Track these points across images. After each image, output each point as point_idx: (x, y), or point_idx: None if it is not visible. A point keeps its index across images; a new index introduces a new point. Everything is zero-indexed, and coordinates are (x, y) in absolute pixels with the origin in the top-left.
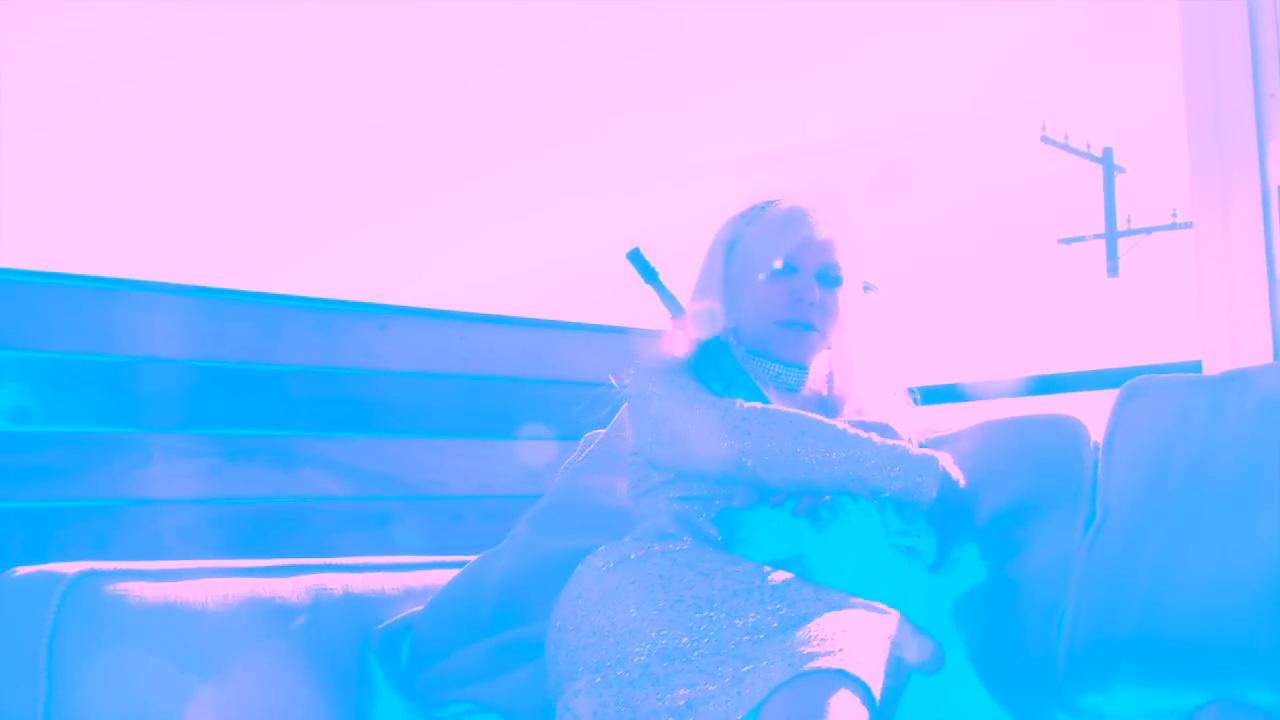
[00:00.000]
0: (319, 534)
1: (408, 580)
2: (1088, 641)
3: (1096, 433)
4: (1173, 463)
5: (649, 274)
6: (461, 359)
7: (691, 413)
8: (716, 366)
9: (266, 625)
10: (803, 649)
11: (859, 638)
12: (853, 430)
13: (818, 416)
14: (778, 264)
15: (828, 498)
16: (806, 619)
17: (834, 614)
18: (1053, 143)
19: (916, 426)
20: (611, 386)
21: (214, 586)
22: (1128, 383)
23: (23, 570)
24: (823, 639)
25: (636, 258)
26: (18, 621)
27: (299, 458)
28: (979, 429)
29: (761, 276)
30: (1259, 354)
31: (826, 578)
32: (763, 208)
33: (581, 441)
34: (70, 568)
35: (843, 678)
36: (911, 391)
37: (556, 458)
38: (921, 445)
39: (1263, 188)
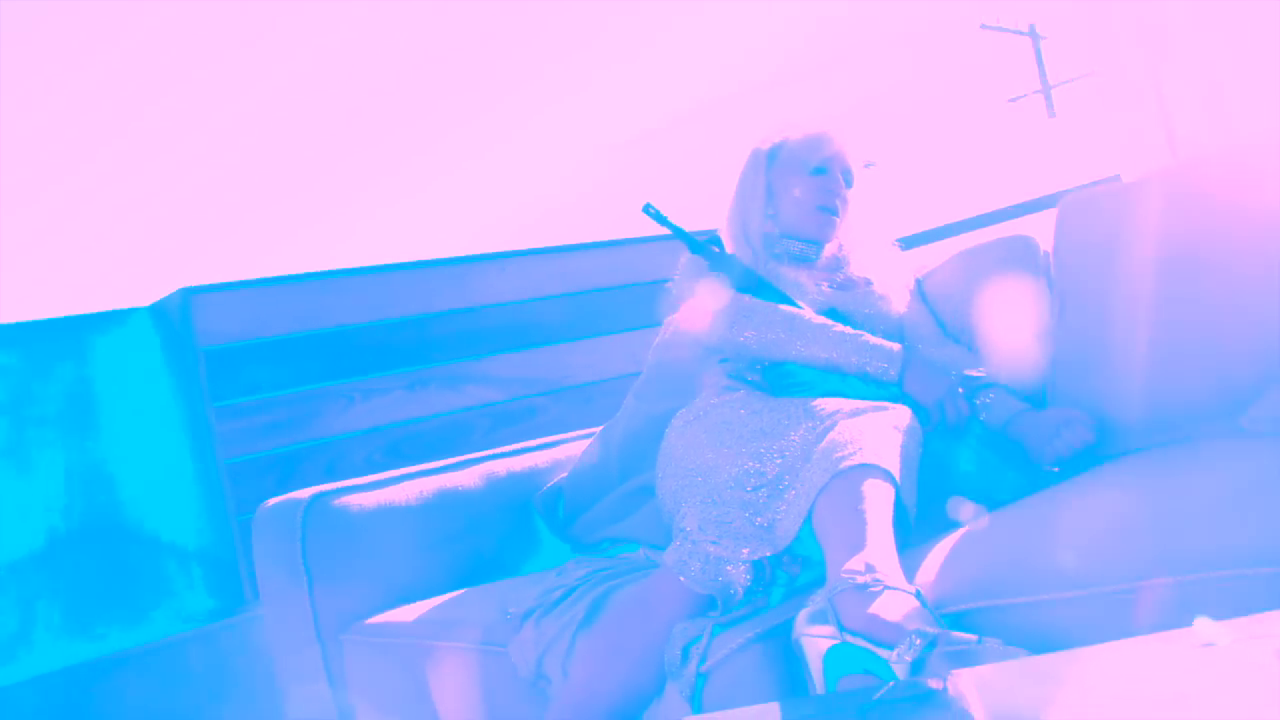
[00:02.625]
0: (486, 433)
1: (554, 455)
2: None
3: (1047, 244)
4: (1106, 255)
5: (663, 220)
6: (564, 281)
7: (704, 300)
8: (725, 270)
9: (454, 508)
10: (834, 455)
11: (874, 435)
12: (829, 325)
13: (803, 313)
14: (816, 165)
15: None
16: (831, 429)
17: (852, 420)
18: (990, 28)
19: (908, 268)
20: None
21: (411, 487)
22: (1063, 199)
23: (273, 501)
24: (846, 443)
25: (650, 210)
26: (277, 538)
27: (461, 379)
28: (954, 259)
29: (800, 179)
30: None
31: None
32: (787, 135)
33: (663, 325)
34: (305, 493)
35: (866, 469)
36: (900, 241)
37: (649, 341)
38: (917, 283)
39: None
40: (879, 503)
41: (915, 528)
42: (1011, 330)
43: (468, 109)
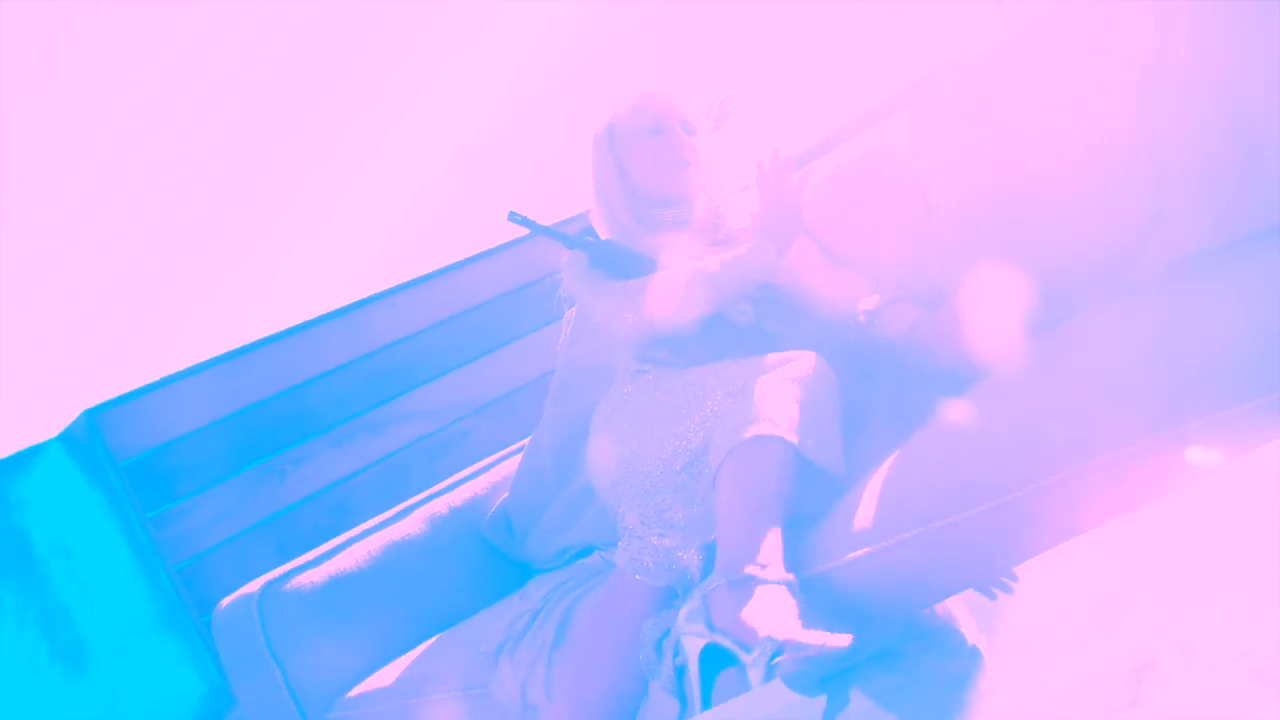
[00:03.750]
0: (425, 468)
1: (490, 478)
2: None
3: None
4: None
5: (532, 225)
6: (458, 300)
7: (598, 299)
8: (603, 256)
9: (405, 559)
10: (730, 431)
11: (774, 397)
12: (705, 268)
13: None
14: (651, 127)
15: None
16: (743, 394)
17: (756, 382)
18: None
19: None
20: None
21: (358, 550)
22: (910, 109)
23: (226, 601)
24: (743, 415)
25: (517, 217)
26: (239, 636)
27: (384, 422)
28: (821, 187)
29: (643, 145)
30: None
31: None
32: (616, 111)
33: (564, 320)
34: (255, 585)
35: (758, 442)
36: None
37: (556, 336)
38: None
39: None
40: (768, 479)
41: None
42: (894, 242)
43: (309, 160)
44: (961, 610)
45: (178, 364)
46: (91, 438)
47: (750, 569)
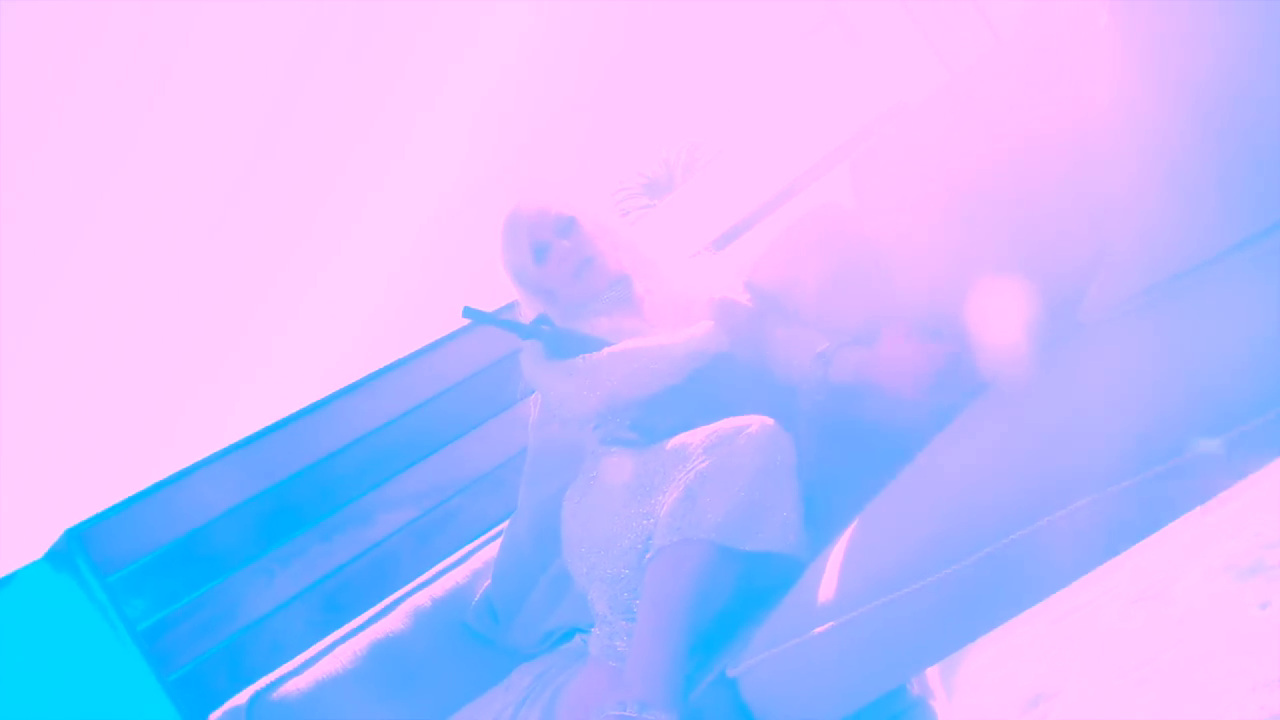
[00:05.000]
0: (415, 553)
1: (470, 566)
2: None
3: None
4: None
5: (487, 319)
6: (434, 382)
7: (556, 383)
8: (562, 344)
9: (392, 656)
10: (661, 533)
11: (712, 490)
12: (652, 340)
13: (628, 344)
14: (531, 256)
15: None
16: (684, 483)
17: (695, 476)
18: None
19: (731, 272)
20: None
21: (344, 652)
22: (852, 163)
23: (214, 716)
24: (673, 513)
25: (471, 312)
26: None
27: (370, 512)
28: (770, 248)
29: (535, 271)
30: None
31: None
32: (499, 244)
33: (532, 400)
34: (243, 696)
35: (677, 549)
36: (718, 242)
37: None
38: (748, 285)
39: None
40: (683, 588)
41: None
42: (845, 297)
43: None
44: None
45: (155, 475)
46: (77, 556)
47: (638, 700)
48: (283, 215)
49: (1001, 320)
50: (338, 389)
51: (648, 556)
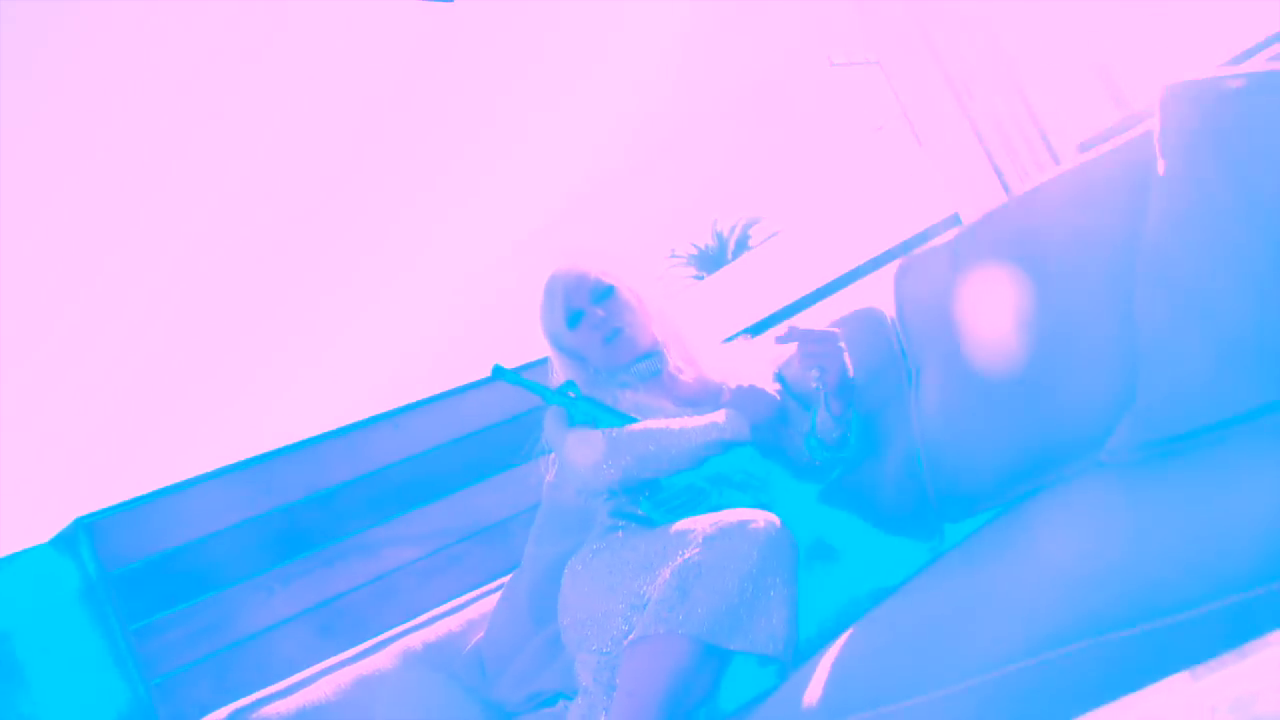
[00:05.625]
0: (414, 592)
1: (467, 615)
2: (943, 471)
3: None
4: (946, 316)
5: (515, 379)
6: (458, 425)
7: (573, 452)
8: (586, 413)
9: (376, 694)
10: (649, 616)
11: (705, 584)
12: (678, 421)
13: (649, 423)
14: (565, 320)
15: None
16: (680, 574)
17: (686, 567)
18: (841, 64)
19: (765, 360)
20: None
21: (328, 683)
22: (898, 265)
23: None
24: (660, 599)
25: (500, 371)
26: None
27: (377, 544)
28: None
29: (570, 335)
30: (995, 197)
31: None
32: (540, 305)
33: (550, 459)
34: (222, 713)
35: (653, 641)
36: (756, 326)
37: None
38: (778, 375)
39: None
40: (656, 682)
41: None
42: (873, 407)
43: (306, 283)
44: None
45: (173, 476)
46: (82, 546)
47: None
48: (350, 237)
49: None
50: (362, 418)
51: (628, 640)
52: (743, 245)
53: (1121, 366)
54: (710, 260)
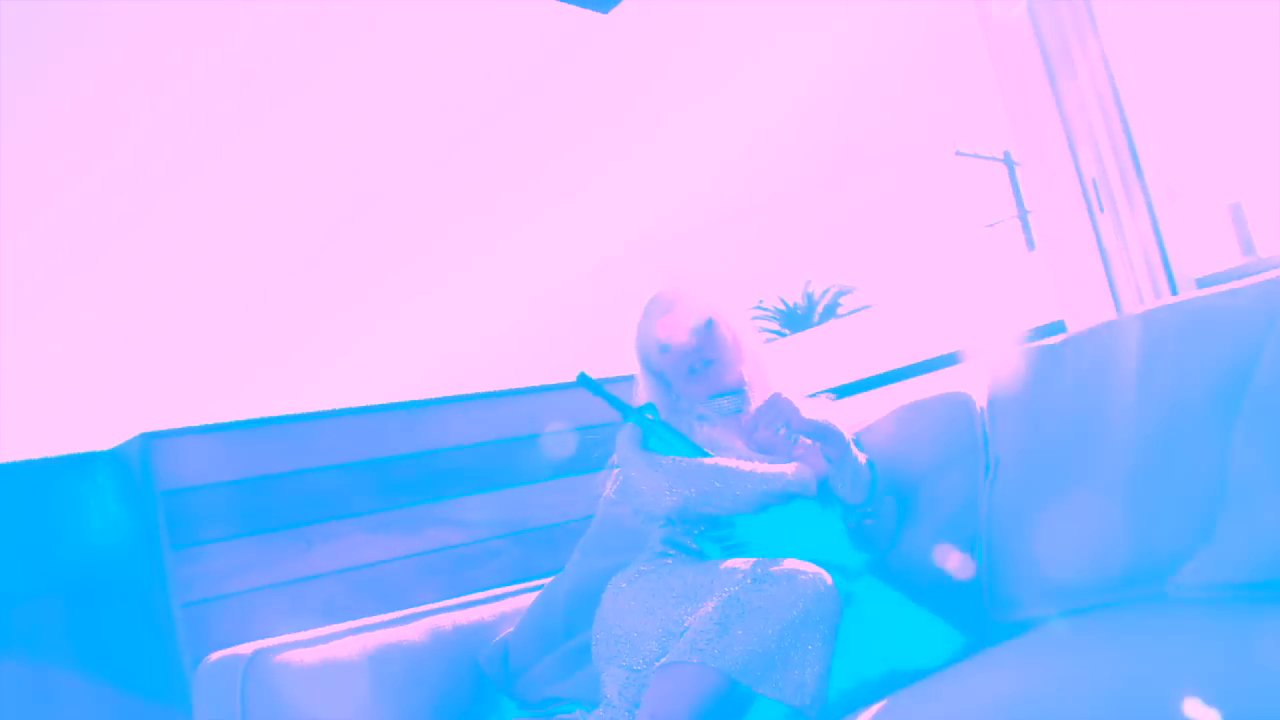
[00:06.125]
0: (448, 576)
1: (501, 607)
2: (1003, 567)
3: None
4: (1038, 415)
5: (598, 390)
6: (525, 423)
7: (640, 473)
8: (660, 438)
9: (398, 664)
10: (685, 644)
11: (744, 623)
12: (747, 466)
13: (720, 461)
14: (660, 343)
15: None
16: (724, 608)
17: (728, 602)
18: (965, 155)
19: (844, 423)
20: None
21: (354, 643)
22: (998, 357)
23: (215, 656)
24: (696, 629)
25: (585, 379)
26: (217, 696)
27: (422, 522)
28: (894, 416)
29: (659, 360)
30: (1104, 312)
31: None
32: (639, 321)
33: (612, 474)
34: (247, 648)
35: (682, 668)
36: (840, 390)
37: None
38: (856, 439)
39: (1080, 182)
40: (680, 710)
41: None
42: (944, 490)
43: (415, 247)
44: None
45: (243, 413)
46: (141, 460)
47: None
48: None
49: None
50: (432, 396)
51: (660, 662)
52: (830, 312)
53: (1206, 503)
54: (795, 319)
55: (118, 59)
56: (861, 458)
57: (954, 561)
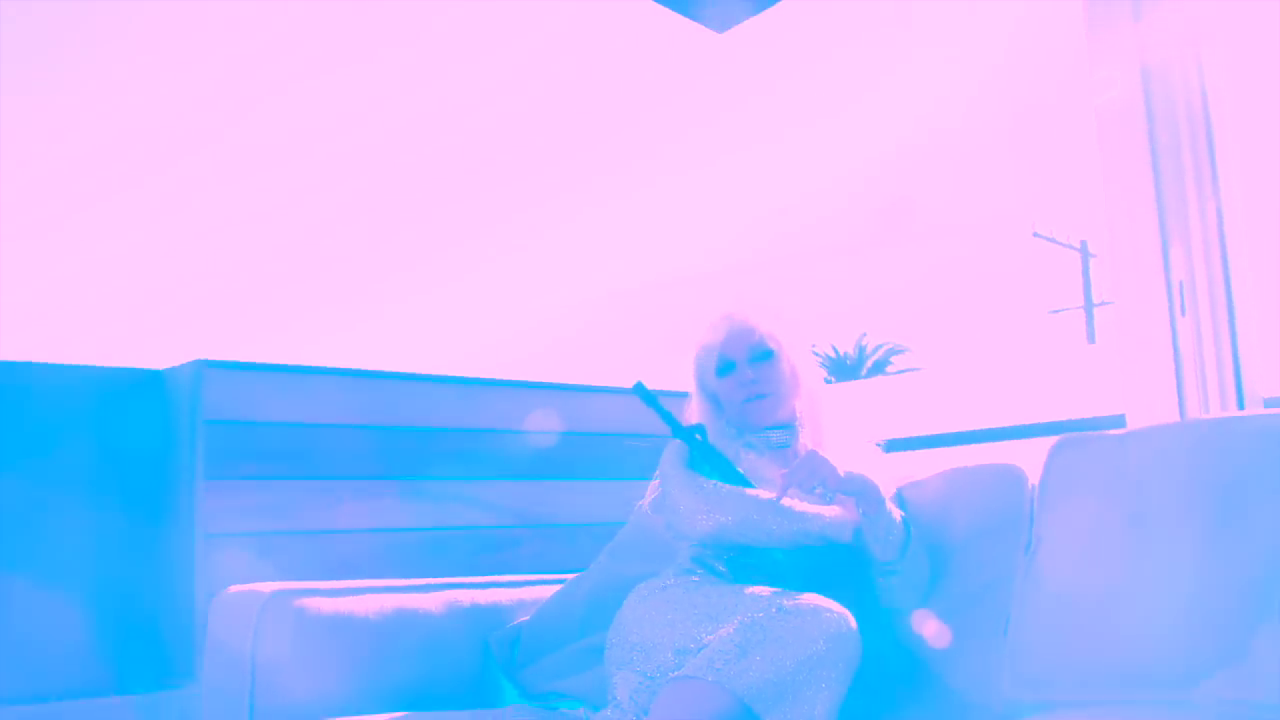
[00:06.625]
0: (467, 555)
1: (520, 594)
2: (1028, 644)
3: (1035, 476)
4: (1090, 502)
5: (651, 402)
6: (569, 420)
7: (680, 492)
8: (705, 460)
9: (412, 630)
10: (702, 660)
11: (762, 650)
12: (785, 504)
13: (761, 493)
14: (716, 366)
15: None
16: (745, 632)
17: (751, 628)
18: (1042, 237)
19: (891, 477)
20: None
21: (372, 601)
22: (1058, 439)
23: (235, 589)
24: (716, 649)
25: (640, 389)
26: (232, 628)
27: (452, 497)
28: (943, 476)
29: (716, 383)
30: (1167, 413)
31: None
32: (697, 340)
33: (650, 485)
34: (267, 587)
35: (694, 683)
36: (887, 444)
37: (637, 494)
38: (897, 493)
39: (1166, 281)
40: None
41: None
42: (982, 558)
43: (478, 222)
44: None
45: (303, 358)
46: (192, 385)
47: None
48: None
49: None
50: (488, 377)
51: (675, 673)
52: (879, 368)
53: (1245, 618)
54: (843, 369)
55: None
56: (897, 514)
57: (981, 630)
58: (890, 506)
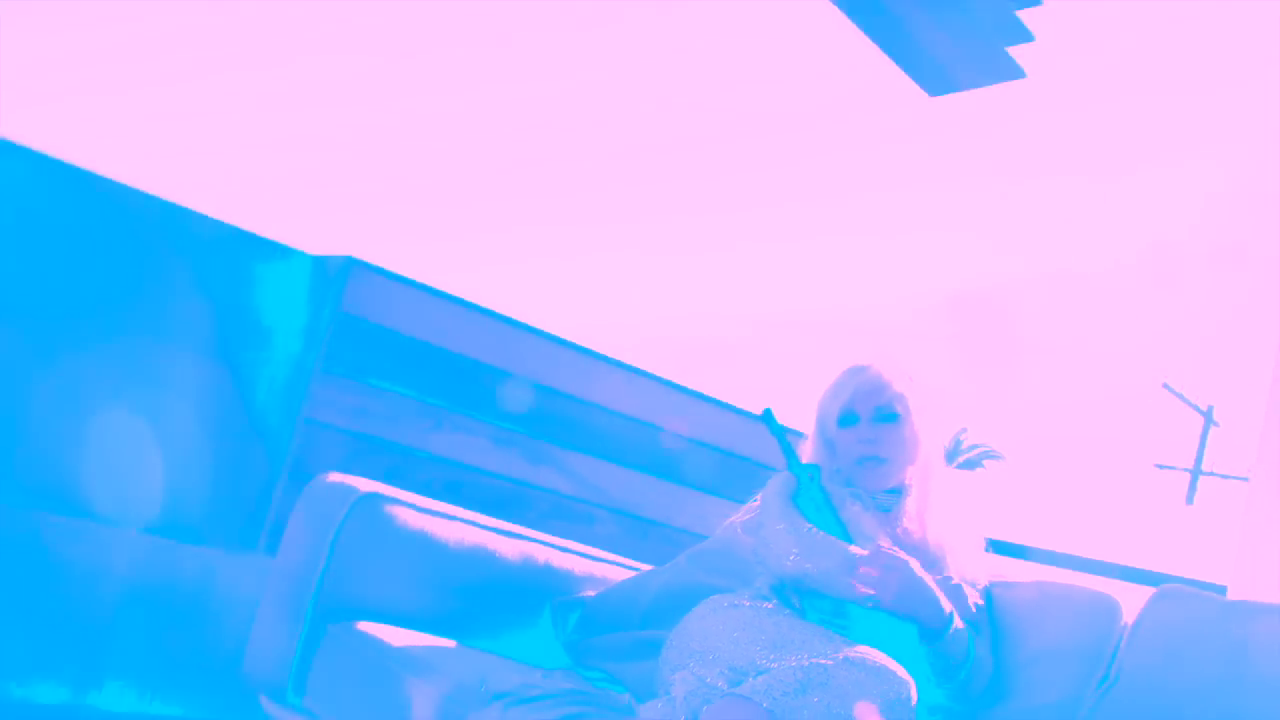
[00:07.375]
0: (538, 516)
1: (593, 568)
2: None
3: (1127, 615)
4: (1184, 658)
5: (777, 430)
6: (678, 420)
7: (775, 526)
8: (811, 501)
9: (485, 568)
10: (770, 686)
11: (827, 690)
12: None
13: (854, 549)
14: (839, 415)
15: None
16: (810, 672)
17: (830, 668)
18: (1170, 390)
19: (985, 569)
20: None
21: (456, 529)
22: (1163, 586)
23: (332, 477)
24: (779, 686)
25: (768, 416)
26: (320, 513)
27: (544, 458)
28: (1037, 585)
29: (835, 434)
30: (1271, 595)
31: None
32: (823, 387)
33: (746, 505)
34: (363, 484)
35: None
36: (989, 543)
37: (725, 512)
38: (986, 588)
39: None
40: None
41: None
42: (1054, 675)
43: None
44: None
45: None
46: (337, 278)
47: None
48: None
49: None
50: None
51: (733, 690)
52: (969, 466)
53: None
54: None
55: None
56: (959, 623)
57: None
58: (956, 623)
